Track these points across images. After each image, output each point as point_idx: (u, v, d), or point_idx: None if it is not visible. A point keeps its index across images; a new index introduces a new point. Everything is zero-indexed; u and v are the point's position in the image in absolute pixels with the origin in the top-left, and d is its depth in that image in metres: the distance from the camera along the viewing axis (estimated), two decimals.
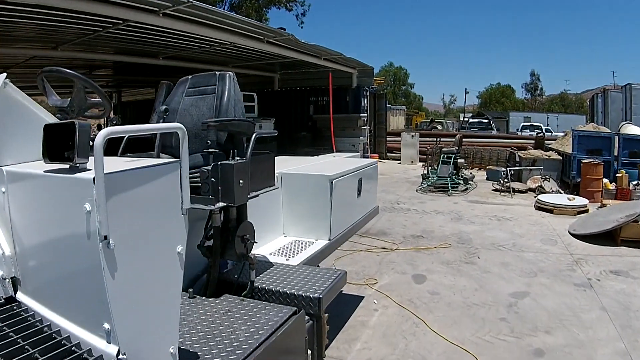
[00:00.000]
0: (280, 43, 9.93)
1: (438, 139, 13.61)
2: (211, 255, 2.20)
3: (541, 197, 8.73)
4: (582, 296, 4.33)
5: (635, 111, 16.46)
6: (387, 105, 21.15)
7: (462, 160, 10.86)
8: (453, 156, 10.31)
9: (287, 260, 2.63)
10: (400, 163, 16.34)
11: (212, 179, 1.94)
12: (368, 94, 16.11)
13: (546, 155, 11.76)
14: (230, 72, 2.39)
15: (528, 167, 10.92)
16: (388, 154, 17.65)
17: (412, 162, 16.08)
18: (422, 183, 10.54)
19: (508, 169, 10.39)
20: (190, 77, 2.58)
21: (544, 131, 21.36)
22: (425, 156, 15.21)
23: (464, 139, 12.42)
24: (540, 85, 60.22)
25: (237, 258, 2.22)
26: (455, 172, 10.37)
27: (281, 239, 3.12)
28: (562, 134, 23.98)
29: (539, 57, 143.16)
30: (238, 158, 2.05)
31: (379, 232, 6.59)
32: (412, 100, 58.56)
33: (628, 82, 17.55)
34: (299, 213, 3.09)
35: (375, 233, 6.65)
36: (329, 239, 3.03)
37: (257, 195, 2.18)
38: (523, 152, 12.44)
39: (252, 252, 2.73)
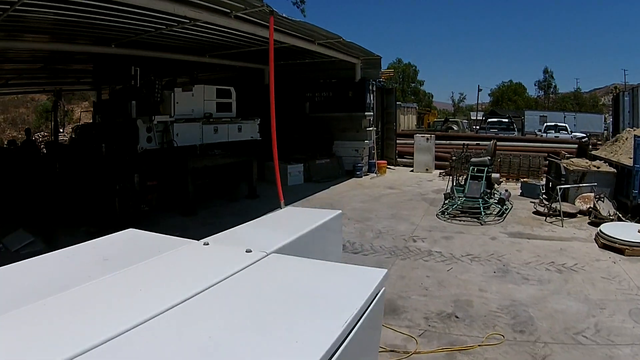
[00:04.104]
0: (253, 19, 7.35)
1: (465, 145, 10.95)
2: None
3: (604, 229, 6.39)
4: None
5: None
6: (397, 103, 18.61)
7: (497, 175, 8.31)
8: (485, 169, 7.79)
9: None
10: (412, 171, 13.84)
11: None
12: (375, 88, 13.67)
13: (595, 166, 9.25)
14: None
15: (578, 184, 8.41)
16: (398, 159, 15.12)
17: (427, 169, 13.62)
18: (443, 205, 7.99)
19: (557, 187, 7.85)
20: None
21: (572, 133, 18.82)
22: (445, 163, 12.69)
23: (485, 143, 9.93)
24: (553, 82, 57.96)
25: None
26: (488, 190, 7.85)
27: None
28: (582, 135, 21.61)
29: (548, 55, 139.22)
30: None
31: (385, 305, 4.17)
32: (421, 98, 55.65)
33: None
34: None
35: None
36: None
37: None
38: (566, 161, 9.90)
39: None
